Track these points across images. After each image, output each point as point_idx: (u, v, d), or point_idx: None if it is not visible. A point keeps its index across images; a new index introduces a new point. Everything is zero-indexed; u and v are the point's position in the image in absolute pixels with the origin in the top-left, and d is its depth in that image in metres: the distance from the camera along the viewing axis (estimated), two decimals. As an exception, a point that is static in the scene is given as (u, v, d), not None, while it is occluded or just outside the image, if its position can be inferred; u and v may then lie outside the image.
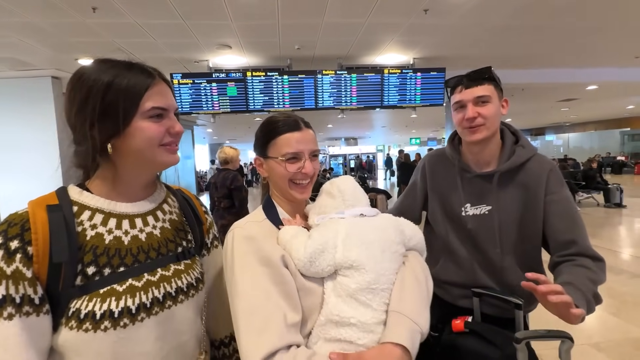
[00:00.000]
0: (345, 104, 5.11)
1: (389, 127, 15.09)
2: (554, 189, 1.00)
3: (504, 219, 1.03)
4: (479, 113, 0.98)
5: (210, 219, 0.85)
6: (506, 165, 1.02)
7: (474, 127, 0.99)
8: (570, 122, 18.86)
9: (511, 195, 1.03)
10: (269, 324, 0.62)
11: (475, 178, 1.07)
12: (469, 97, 0.99)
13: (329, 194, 0.80)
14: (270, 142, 0.80)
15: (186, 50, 4.44)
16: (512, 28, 4.15)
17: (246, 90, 4.85)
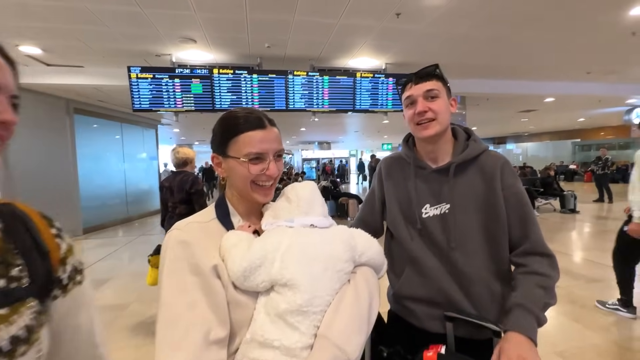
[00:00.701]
0: (317, 107, 4.99)
1: (361, 132, 15.23)
2: (509, 181, 0.96)
3: (464, 216, 0.97)
4: (429, 107, 0.96)
5: (66, 246, 0.57)
6: (461, 156, 0.99)
7: (424, 121, 0.97)
8: (528, 132, 20.16)
9: (470, 190, 0.98)
10: (186, 339, 0.58)
11: (432, 174, 1.02)
12: (419, 91, 0.98)
13: (287, 198, 0.75)
14: (230, 139, 0.73)
15: (146, 42, 4.11)
16: (477, 38, 4.26)
17: (212, 88, 4.59)
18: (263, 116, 0.75)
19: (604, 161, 8.55)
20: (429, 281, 0.98)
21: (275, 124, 0.78)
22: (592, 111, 11.40)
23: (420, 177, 1.04)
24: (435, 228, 0.99)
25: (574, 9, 3.52)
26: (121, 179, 7.97)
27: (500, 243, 0.96)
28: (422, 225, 1.00)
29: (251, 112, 0.75)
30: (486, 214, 0.96)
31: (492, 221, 0.95)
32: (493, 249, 0.96)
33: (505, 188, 0.95)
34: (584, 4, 3.42)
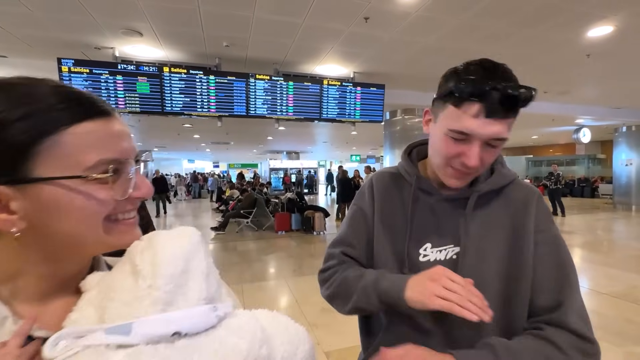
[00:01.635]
0: (281, 114, 4.65)
1: (330, 142, 15.10)
2: (543, 224, 0.67)
3: (479, 266, 0.66)
4: (482, 160, 0.61)
5: None
6: (487, 184, 0.69)
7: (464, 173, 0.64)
8: (487, 147, 21.27)
9: (491, 230, 0.67)
10: None
11: (442, 204, 0.71)
12: (484, 132, 0.58)
13: (132, 267, 0.36)
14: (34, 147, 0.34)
15: (81, 32, 3.55)
16: (444, 50, 4.19)
17: (162, 89, 4.08)
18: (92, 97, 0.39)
19: (555, 176, 9.01)
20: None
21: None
22: (545, 129, 12.15)
23: (423, 204, 0.73)
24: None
25: (538, 28, 3.53)
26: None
27: (518, 308, 0.65)
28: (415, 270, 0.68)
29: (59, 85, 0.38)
30: (508, 266, 0.66)
31: (514, 277, 0.65)
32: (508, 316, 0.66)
33: (539, 232, 0.67)
34: (546, 23, 3.44)
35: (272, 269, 4.55)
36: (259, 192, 8.63)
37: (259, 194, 8.13)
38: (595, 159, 17.90)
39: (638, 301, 3.22)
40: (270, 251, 5.54)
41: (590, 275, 4.09)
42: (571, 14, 3.26)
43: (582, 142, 10.37)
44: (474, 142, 0.59)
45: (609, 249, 5.58)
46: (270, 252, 5.45)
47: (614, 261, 4.64)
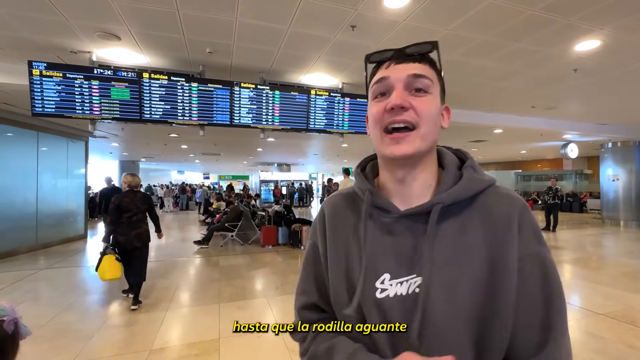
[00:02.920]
0: (267, 124, 4.49)
1: (321, 154, 14.99)
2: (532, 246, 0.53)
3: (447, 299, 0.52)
4: (410, 104, 0.55)
5: None
6: (452, 193, 0.56)
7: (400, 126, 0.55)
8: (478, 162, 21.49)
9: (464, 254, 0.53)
10: None
11: (400, 222, 0.58)
12: (400, 74, 0.57)
13: None
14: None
15: (54, 34, 3.37)
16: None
17: (141, 95, 3.90)
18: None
19: (554, 191, 9.00)
20: None
21: None
22: (534, 144, 12.29)
23: (379, 225, 0.59)
24: (393, 316, 0.54)
25: (526, 39, 3.49)
26: (32, 198, 6.65)
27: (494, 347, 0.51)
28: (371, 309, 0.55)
29: None
30: (484, 298, 0.51)
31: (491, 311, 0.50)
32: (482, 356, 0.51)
33: (525, 256, 0.51)
34: (534, 37, 3.41)
35: (254, 286, 4.29)
36: (247, 205, 8.38)
37: (246, 207, 7.87)
38: (582, 174, 18.19)
39: (636, 323, 3.07)
40: (253, 267, 5.27)
41: (584, 294, 3.95)
42: (558, 26, 3.23)
43: (569, 157, 10.47)
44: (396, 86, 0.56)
45: (602, 265, 5.48)
46: (253, 268, 5.18)
47: (607, 279, 4.52)
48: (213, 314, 3.32)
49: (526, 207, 0.55)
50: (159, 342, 2.74)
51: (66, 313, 3.38)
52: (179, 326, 3.07)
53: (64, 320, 3.20)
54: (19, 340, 0.95)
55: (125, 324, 3.12)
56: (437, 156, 0.63)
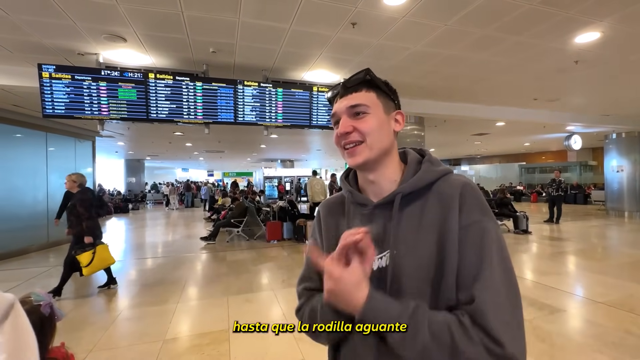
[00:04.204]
0: (270, 121, 4.57)
1: (324, 150, 15.06)
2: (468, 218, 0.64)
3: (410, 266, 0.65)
4: (353, 127, 0.71)
5: None
6: (409, 184, 0.70)
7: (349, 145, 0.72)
8: (481, 154, 21.42)
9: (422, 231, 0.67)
10: None
11: (374, 211, 0.74)
12: (342, 107, 0.73)
13: None
14: None
15: (62, 37, 3.46)
16: (435, 56, 4.17)
17: (147, 95, 3.99)
18: None
19: (557, 183, 9.00)
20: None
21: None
22: (537, 136, 12.25)
23: (358, 217, 0.75)
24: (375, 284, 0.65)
25: (526, 33, 3.52)
26: (42, 198, 6.82)
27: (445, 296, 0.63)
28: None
29: None
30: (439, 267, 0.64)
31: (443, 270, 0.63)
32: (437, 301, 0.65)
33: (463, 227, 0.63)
34: (534, 30, 3.44)
35: (260, 280, 4.40)
36: (251, 201, 8.49)
37: (251, 203, 7.99)
38: (586, 166, 18.08)
39: (635, 310, 3.13)
40: (260, 261, 5.39)
41: (585, 284, 4.01)
42: (558, 19, 3.25)
43: (573, 149, 10.45)
44: (342, 117, 0.72)
45: (604, 256, 5.52)
46: (260, 263, 5.30)
47: (609, 269, 4.57)
48: (222, 306, 3.44)
49: (468, 185, 0.67)
50: (171, 332, 2.86)
51: (81, 307, 3.52)
52: (189, 318, 3.19)
53: (80, 313, 3.33)
54: (56, 322, 1.06)
55: (138, 316, 3.25)
56: (402, 155, 0.78)
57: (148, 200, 19.68)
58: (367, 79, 0.72)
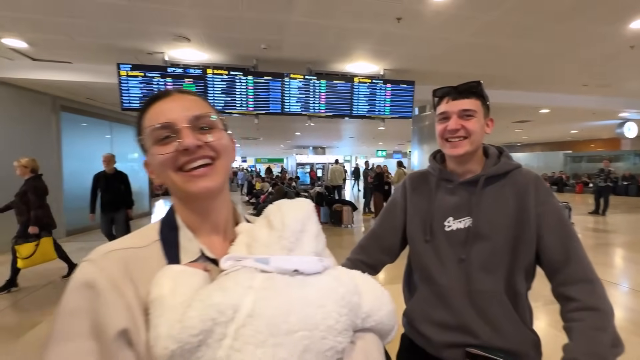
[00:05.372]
0: (314, 111, 4.87)
1: (357, 138, 15.17)
2: (543, 198, 0.89)
3: (488, 231, 0.89)
4: (462, 125, 0.91)
5: None
6: (492, 170, 0.93)
7: (455, 139, 0.92)
8: (521, 142, 20.38)
9: (498, 205, 0.91)
10: None
11: (458, 187, 0.96)
12: (455, 109, 0.92)
13: (268, 222, 0.52)
14: (140, 126, 0.55)
15: (136, 39, 3.95)
16: (477, 46, 4.20)
17: (206, 89, 4.44)
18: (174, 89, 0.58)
19: (606, 173, 8.57)
20: (443, 300, 0.91)
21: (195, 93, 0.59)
22: (585, 123, 11.53)
23: (444, 189, 0.98)
24: (455, 242, 0.92)
25: (575, 21, 3.48)
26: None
27: (522, 265, 0.88)
28: (440, 238, 0.94)
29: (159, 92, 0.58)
30: (514, 232, 0.88)
31: (520, 241, 0.87)
32: (513, 270, 0.88)
33: (540, 204, 0.87)
34: (584, 16, 3.39)
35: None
36: (288, 186, 8.96)
37: (287, 187, 8.45)
38: (642, 155, 16.64)
39: (678, 300, 3.15)
40: (301, 242, 5.81)
41: (630, 274, 4.00)
42: (612, 6, 3.19)
43: (626, 136, 9.77)
44: (452, 116, 0.92)
45: (652, 249, 5.33)
46: (301, 243, 5.72)
47: (655, 261, 4.47)
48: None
49: (538, 178, 0.92)
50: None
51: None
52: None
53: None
54: None
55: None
56: (484, 150, 1.01)
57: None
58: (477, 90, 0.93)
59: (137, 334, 0.43)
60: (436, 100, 0.99)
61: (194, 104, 0.55)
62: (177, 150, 0.51)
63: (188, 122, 0.52)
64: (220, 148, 0.54)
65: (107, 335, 0.41)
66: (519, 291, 0.88)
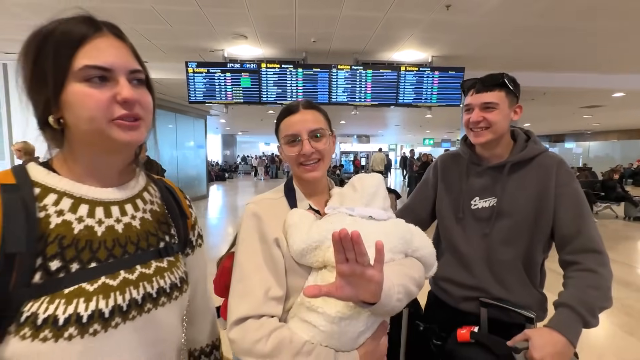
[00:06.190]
0: (360, 100, 5.03)
1: (402, 126, 14.87)
2: (563, 181, 1.00)
3: (511, 210, 1.02)
4: (484, 117, 1.01)
5: (195, 215, 0.75)
6: (518, 156, 1.04)
7: (478, 129, 1.03)
8: (592, 129, 18.21)
9: (522, 187, 1.03)
10: (249, 293, 0.71)
11: (486, 170, 1.08)
12: (477, 102, 1.03)
13: (353, 187, 0.82)
14: (278, 129, 0.85)
15: (202, 39, 4.43)
16: (535, 29, 3.99)
17: (260, 82, 4.83)
18: (302, 102, 0.83)
19: None
20: (465, 266, 1.07)
21: (317, 107, 0.85)
22: (672, 108, 10.03)
23: (473, 172, 1.12)
24: (480, 219, 1.06)
25: (653, -6, 3.16)
26: (174, 165, 8.68)
27: (540, 238, 1.01)
28: (467, 215, 1.09)
29: (290, 104, 0.85)
30: (534, 211, 1.00)
31: (539, 218, 0.99)
32: (532, 243, 1.01)
33: (559, 186, 0.99)
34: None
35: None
36: (332, 174, 9.25)
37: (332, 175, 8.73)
38: None
39: None
40: (344, 226, 6.10)
41: None
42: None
43: None
44: (475, 108, 1.03)
45: None
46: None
47: None
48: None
49: (562, 161, 1.03)
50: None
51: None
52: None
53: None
54: None
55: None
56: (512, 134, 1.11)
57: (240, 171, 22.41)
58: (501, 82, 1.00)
59: (282, 243, 0.76)
60: (465, 92, 1.11)
61: (313, 118, 0.81)
62: (298, 153, 0.79)
63: (307, 135, 0.79)
64: (325, 152, 0.82)
65: (268, 240, 0.75)
66: (536, 261, 1.02)
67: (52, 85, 0.49)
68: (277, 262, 0.74)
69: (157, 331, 0.57)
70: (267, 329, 0.67)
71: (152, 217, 0.63)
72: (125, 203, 0.59)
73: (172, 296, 0.60)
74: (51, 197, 0.52)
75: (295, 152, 0.79)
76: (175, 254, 0.65)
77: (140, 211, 0.61)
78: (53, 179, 0.53)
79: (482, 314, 0.98)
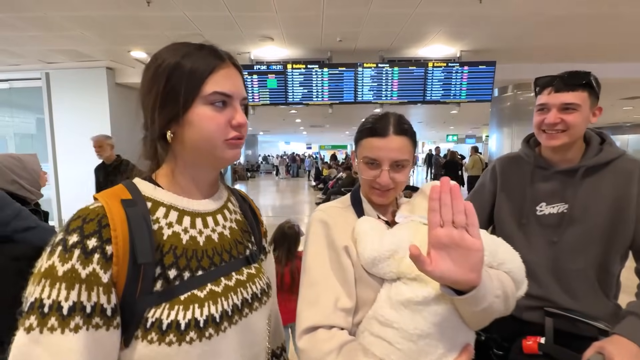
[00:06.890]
0: (386, 99, 4.96)
1: (425, 122, 14.54)
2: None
3: (584, 217, 0.94)
4: (562, 119, 0.91)
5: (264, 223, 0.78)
6: (592, 160, 0.95)
7: (553, 131, 0.93)
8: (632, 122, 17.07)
9: (598, 194, 0.93)
10: (319, 301, 0.69)
11: (555, 175, 0.99)
12: (555, 102, 0.92)
13: (423, 194, 0.79)
14: (359, 141, 0.83)
15: (230, 42, 4.52)
16: (575, 17, 3.78)
17: (286, 83, 4.86)
18: (392, 125, 0.78)
19: None
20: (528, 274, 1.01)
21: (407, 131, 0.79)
22: None
23: (539, 176, 1.03)
24: (546, 225, 0.99)
25: None
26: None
27: (618, 248, 0.93)
28: (531, 221, 1.01)
29: (383, 118, 0.79)
30: (610, 219, 0.92)
31: (616, 226, 0.91)
32: (608, 252, 0.94)
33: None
34: None
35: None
36: (351, 171, 9.19)
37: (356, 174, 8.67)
38: None
39: None
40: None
41: None
42: None
43: None
44: (552, 109, 0.92)
45: None
46: (370, 227, 5.97)
47: None
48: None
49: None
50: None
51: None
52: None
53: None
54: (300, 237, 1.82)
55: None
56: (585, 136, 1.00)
57: (261, 170, 22.76)
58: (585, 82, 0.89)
59: (352, 251, 0.75)
60: (537, 89, 1.00)
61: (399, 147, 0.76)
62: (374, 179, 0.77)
63: (389, 165, 0.76)
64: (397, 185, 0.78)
65: (337, 247, 0.75)
66: (611, 271, 0.95)
67: (181, 104, 0.55)
68: (346, 271, 0.73)
69: (253, 334, 0.61)
70: (338, 341, 0.65)
71: (237, 226, 0.67)
72: (216, 214, 0.64)
73: (262, 301, 0.64)
74: (161, 210, 0.57)
75: (371, 176, 0.77)
76: (259, 260, 0.69)
77: (228, 221, 0.66)
78: (159, 193, 0.58)
79: (547, 324, 0.94)
